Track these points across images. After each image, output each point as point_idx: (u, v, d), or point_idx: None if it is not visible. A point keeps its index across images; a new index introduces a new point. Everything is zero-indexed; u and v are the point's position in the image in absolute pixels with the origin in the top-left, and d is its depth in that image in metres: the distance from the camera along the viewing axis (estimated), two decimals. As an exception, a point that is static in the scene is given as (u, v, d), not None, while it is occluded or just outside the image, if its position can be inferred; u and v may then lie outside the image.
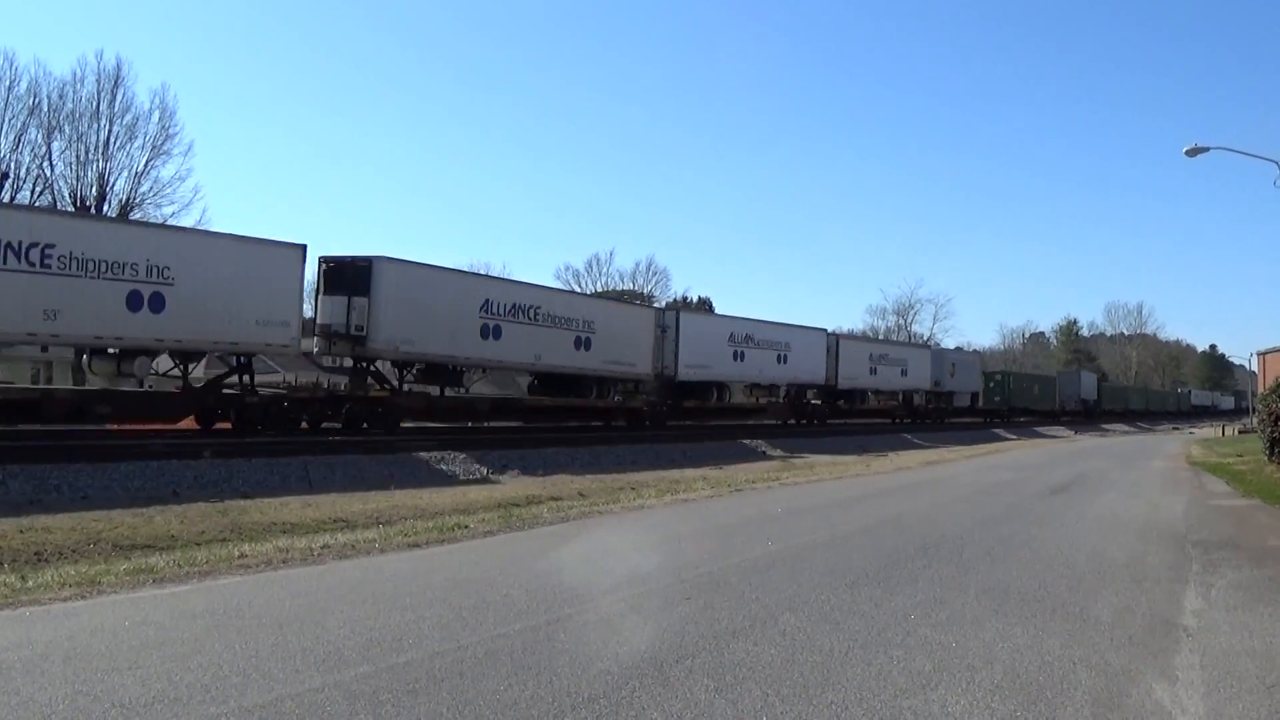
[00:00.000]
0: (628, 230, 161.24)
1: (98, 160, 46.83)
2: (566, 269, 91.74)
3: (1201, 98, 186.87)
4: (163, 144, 49.10)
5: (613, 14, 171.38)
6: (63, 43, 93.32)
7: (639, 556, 9.96)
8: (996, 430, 64.23)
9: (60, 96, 46.01)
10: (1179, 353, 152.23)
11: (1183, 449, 42.14)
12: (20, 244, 19.52)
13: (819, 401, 49.76)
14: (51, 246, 20.01)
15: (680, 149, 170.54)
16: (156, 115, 49.02)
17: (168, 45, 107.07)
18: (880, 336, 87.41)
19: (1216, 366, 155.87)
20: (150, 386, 26.52)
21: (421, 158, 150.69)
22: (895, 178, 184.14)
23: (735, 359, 42.20)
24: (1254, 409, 46.36)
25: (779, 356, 44.51)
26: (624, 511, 14.84)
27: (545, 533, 12.16)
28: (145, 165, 48.54)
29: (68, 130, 46.30)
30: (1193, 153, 27.08)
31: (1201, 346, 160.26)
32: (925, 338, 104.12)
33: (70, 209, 23.95)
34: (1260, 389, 42.24)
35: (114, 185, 47.53)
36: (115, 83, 47.48)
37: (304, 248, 25.27)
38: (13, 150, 44.45)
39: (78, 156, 46.49)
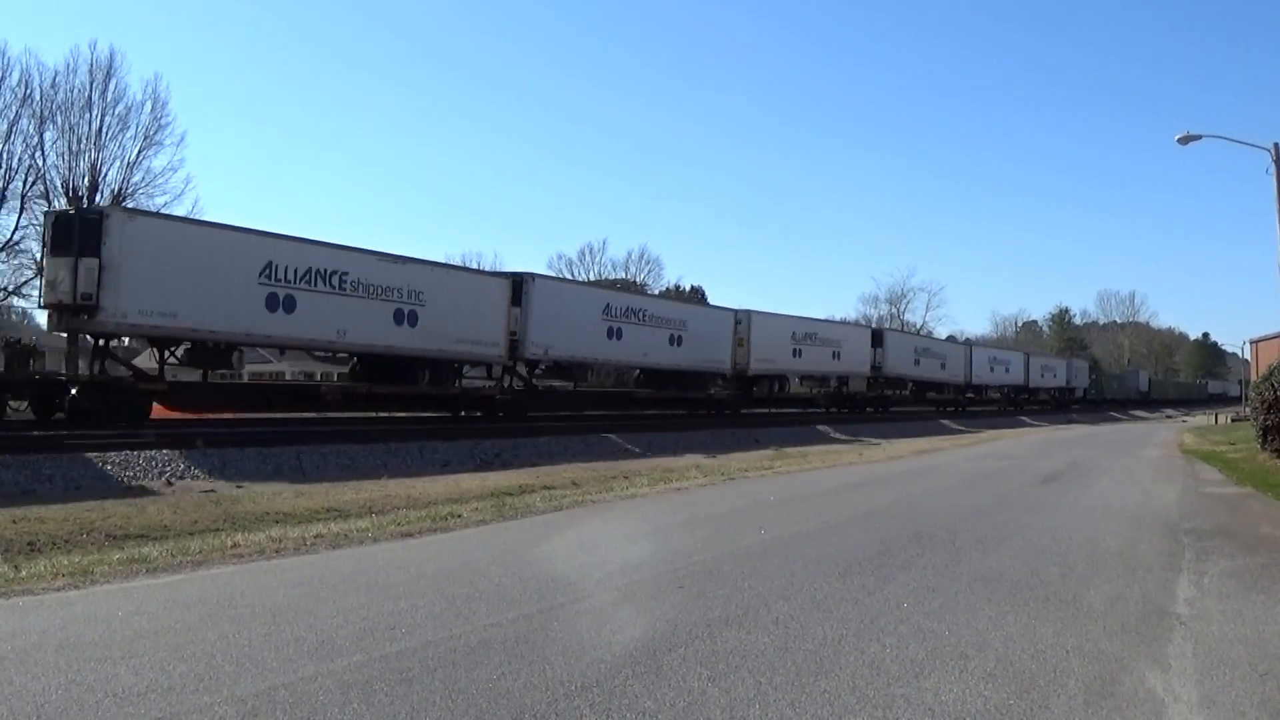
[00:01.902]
0: (620, 219, 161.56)
1: (90, 150, 46.72)
2: (559, 258, 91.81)
3: (1193, 86, 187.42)
4: (155, 134, 48.98)
5: (605, 4, 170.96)
6: (55, 33, 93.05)
7: (632, 545, 9.96)
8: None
9: (52, 87, 45.86)
10: (1172, 340, 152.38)
11: (1176, 437, 42.21)
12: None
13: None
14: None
15: (673, 138, 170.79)
16: (149, 106, 48.90)
17: (160, 36, 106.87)
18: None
19: (1209, 354, 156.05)
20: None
21: (412, 147, 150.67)
22: (888, 167, 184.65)
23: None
24: (1247, 397, 46.50)
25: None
26: (617, 500, 14.84)
27: (538, 521, 12.16)
28: (137, 155, 48.43)
29: (60, 120, 46.17)
30: (1185, 140, 27.13)
31: (1194, 334, 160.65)
32: (918, 326, 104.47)
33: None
34: (1253, 377, 42.35)
35: (106, 175, 47.45)
36: (108, 73, 47.33)
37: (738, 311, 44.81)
38: (4, 140, 44.34)
39: (70, 147, 46.36)
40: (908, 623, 6.65)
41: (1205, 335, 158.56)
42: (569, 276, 77.53)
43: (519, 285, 32.69)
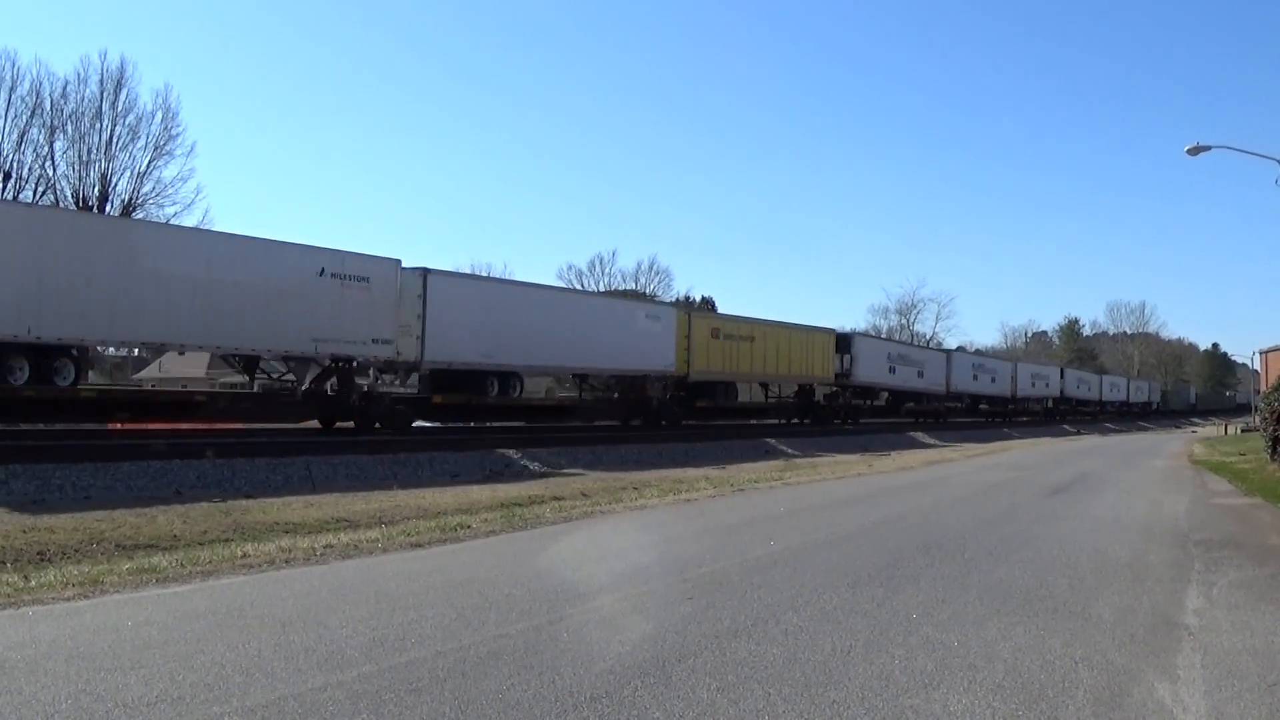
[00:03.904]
0: (630, 230, 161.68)
1: (100, 160, 47.04)
2: (569, 268, 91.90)
3: (1203, 96, 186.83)
4: (165, 144, 49.37)
5: (614, 13, 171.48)
6: (65, 43, 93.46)
7: (641, 556, 9.97)
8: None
9: (63, 96, 46.22)
10: (1181, 351, 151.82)
11: (1185, 448, 42.09)
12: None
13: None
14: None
15: (683, 149, 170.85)
16: (159, 116, 49.32)
17: (171, 46, 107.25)
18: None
19: (1219, 365, 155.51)
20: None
21: (423, 157, 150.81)
22: (897, 177, 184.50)
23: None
24: (1256, 407, 46.36)
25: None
26: (626, 511, 14.84)
27: (548, 532, 12.17)
28: (148, 166, 48.81)
29: (70, 130, 46.51)
30: (1194, 151, 27.06)
31: (1204, 345, 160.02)
32: (928, 337, 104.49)
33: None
34: (1263, 387, 42.20)
35: (116, 186, 47.79)
36: (118, 83, 47.74)
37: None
38: (15, 150, 44.64)
39: (80, 156, 46.69)
40: (916, 634, 6.65)
41: (1215, 346, 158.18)
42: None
43: (949, 354, 67.82)
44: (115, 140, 47.48)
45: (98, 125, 46.97)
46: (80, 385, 22.89)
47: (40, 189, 45.62)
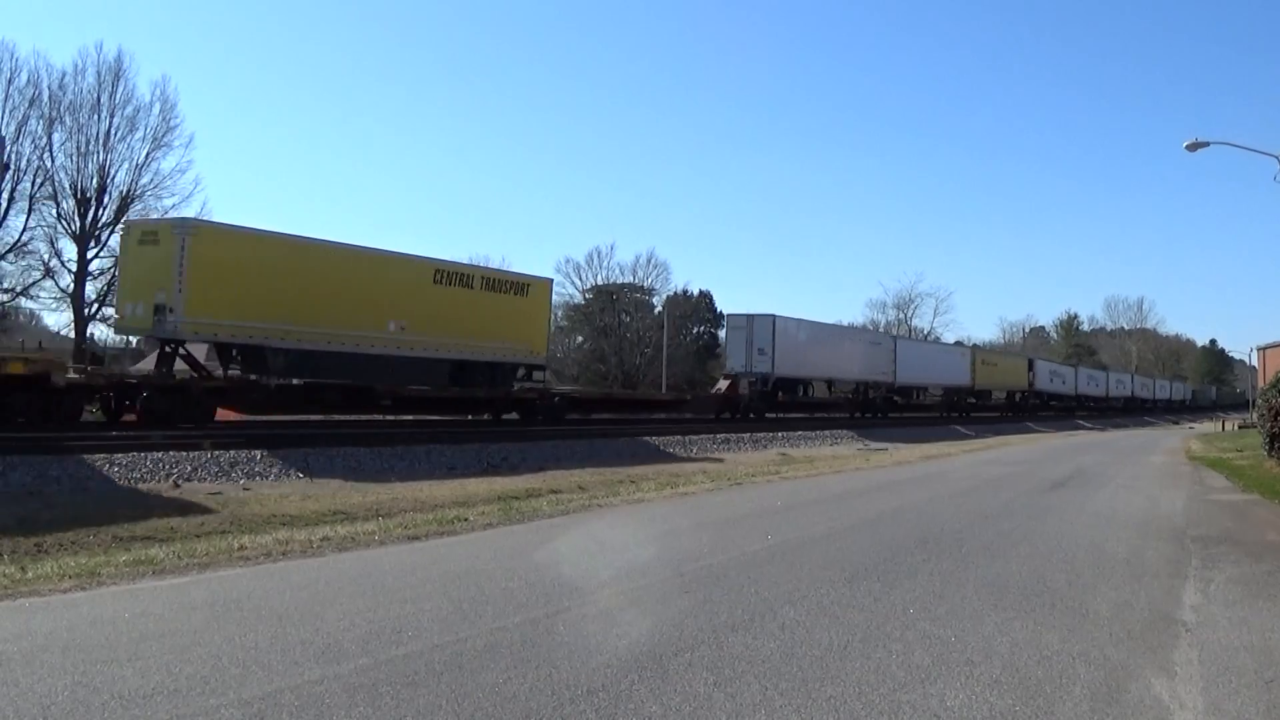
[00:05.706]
0: (628, 224, 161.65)
1: (98, 152, 46.88)
2: (567, 262, 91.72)
3: (1201, 92, 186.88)
4: (164, 136, 49.19)
5: (611, 8, 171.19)
6: (63, 35, 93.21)
7: (638, 550, 9.96)
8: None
9: (61, 88, 46.05)
10: (1179, 347, 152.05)
11: (1182, 444, 42.10)
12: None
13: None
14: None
15: (680, 143, 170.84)
16: (157, 107, 49.11)
17: (169, 38, 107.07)
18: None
19: (1217, 361, 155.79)
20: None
21: (421, 151, 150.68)
22: (895, 172, 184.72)
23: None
24: (1254, 404, 46.41)
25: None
26: (623, 505, 14.83)
27: (544, 525, 12.15)
28: (146, 157, 48.63)
29: (68, 122, 46.33)
30: (1193, 147, 27.08)
31: (1201, 341, 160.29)
32: (926, 332, 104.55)
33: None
34: (1260, 384, 42.23)
35: (114, 177, 47.61)
36: (116, 75, 47.51)
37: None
38: (13, 142, 44.42)
39: (78, 148, 46.52)
40: (914, 629, 6.65)
41: (1212, 342, 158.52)
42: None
43: (1076, 369, 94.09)
44: (113, 131, 47.35)
45: (96, 117, 46.81)
46: (810, 397, 50.95)
47: (38, 181, 45.56)
